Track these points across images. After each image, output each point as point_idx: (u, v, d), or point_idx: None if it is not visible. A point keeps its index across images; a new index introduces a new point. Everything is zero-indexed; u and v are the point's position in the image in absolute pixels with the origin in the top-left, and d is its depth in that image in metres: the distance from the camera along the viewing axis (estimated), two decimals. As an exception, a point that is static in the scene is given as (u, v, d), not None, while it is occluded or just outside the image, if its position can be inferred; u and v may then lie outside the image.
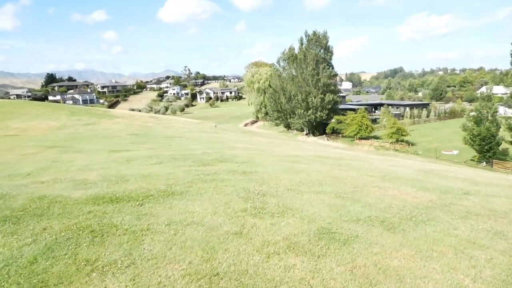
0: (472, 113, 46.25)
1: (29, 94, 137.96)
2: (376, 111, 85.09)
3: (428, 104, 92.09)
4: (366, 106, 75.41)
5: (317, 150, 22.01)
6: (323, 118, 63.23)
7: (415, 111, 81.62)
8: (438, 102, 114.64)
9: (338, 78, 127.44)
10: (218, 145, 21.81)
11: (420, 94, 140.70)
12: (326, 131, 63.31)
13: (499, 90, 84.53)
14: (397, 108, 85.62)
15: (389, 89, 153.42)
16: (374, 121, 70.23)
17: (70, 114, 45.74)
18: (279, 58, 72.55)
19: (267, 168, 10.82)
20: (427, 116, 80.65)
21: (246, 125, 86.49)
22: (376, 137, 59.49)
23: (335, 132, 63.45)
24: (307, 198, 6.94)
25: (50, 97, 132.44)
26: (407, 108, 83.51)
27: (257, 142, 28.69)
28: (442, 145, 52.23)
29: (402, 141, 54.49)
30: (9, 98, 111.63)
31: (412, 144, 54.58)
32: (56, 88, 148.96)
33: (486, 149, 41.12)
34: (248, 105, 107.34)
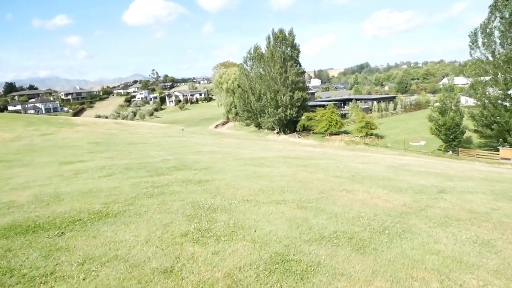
0: (437, 104, 46.74)
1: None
2: (345, 106, 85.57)
3: (394, 97, 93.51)
4: (335, 102, 75.61)
5: (285, 150, 21.14)
6: (293, 115, 62.75)
7: (383, 104, 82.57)
8: (403, 95, 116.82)
9: (307, 75, 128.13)
10: (181, 150, 20.60)
11: (386, 88, 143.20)
12: (297, 128, 62.83)
13: (460, 81, 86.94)
14: (365, 102, 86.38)
15: (357, 84, 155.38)
16: (344, 116, 70.44)
17: (27, 124, 43.18)
18: (245, 58, 71.66)
19: (226, 174, 9.76)
20: (394, 109, 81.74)
21: (216, 126, 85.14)
22: (346, 132, 59.50)
23: (306, 129, 63.06)
24: (265, 212, 5.91)
25: (10, 107, 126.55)
26: (375, 102, 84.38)
27: (225, 144, 27.59)
28: (409, 137, 52.69)
29: (371, 134, 54.60)
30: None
31: (381, 137, 54.81)
32: (16, 98, 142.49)
33: (452, 138, 41.59)
34: (218, 106, 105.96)
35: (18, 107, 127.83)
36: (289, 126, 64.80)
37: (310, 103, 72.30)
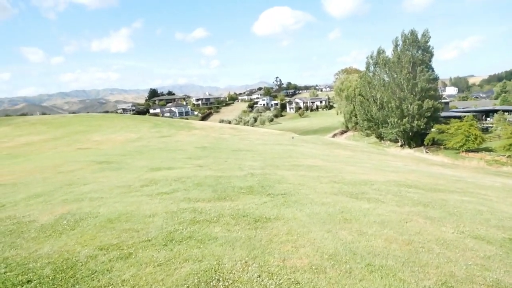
0: None
1: (133, 108, 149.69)
2: (488, 119, 73.26)
3: (556, 109, 76.82)
4: (474, 113, 65.01)
5: (404, 170, 17.01)
6: (421, 127, 55.58)
7: (540, 117, 68.25)
8: None
9: (440, 83, 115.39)
10: (279, 162, 18.17)
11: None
12: (425, 142, 55.38)
13: None
14: (515, 114, 72.67)
15: (505, 93, 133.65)
16: (486, 130, 59.87)
17: (152, 126, 46.10)
18: (368, 63, 66.58)
19: (302, 210, 6.90)
20: (557, 124, 66.84)
21: (334, 135, 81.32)
22: (488, 150, 50.06)
23: (436, 144, 55.12)
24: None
25: (151, 110, 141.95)
26: (529, 115, 70.33)
27: (333, 157, 24.32)
28: None
29: (523, 154, 44.82)
30: (117, 112, 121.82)
31: (538, 158, 44.57)
32: (156, 102, 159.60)
33: None
34: (337, 114, 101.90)
35: (157, 110, 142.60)
36: (415, 139, 57.63)
37: (443, 113, 63.38)
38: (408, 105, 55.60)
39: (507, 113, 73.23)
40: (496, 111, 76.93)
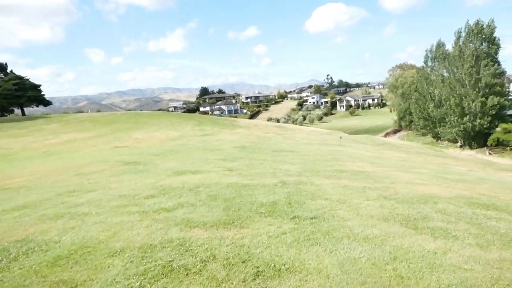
0: None
1: (184, 106, 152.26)
2: None
3: None
4: (547, 111, 57.65)
5: (473, 179, 13.94)
6: (484, 126, 50.05)
7: None
8: None
9: (505, 79, 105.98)
10: (321, 166, 15.77)
11: None
12: (488, 142, 49.80)
13: None
14: None
15: None
16: (561, 130, 52.78)
17: (197, 124, 45.17)
18: (426, 57, 61.46)
19: (332, 255, 4.64)
20: None
21: (386, 135, 76.57)
22: None
23: (501, 144, 49.36)
24: None
25: (201, 108, 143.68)
26: None
27: (385, 161, 21.41)
28: None
29: None
30: (168, 110, 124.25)
31: None
32: (206, 100, 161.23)
33: None
34: (390, 111, 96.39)
35: (207, 108, 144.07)
36: (477, 139, 52.09)
37: (510, 111, 56.98)
38: (470, 102, 50.29)
39: None
40: None
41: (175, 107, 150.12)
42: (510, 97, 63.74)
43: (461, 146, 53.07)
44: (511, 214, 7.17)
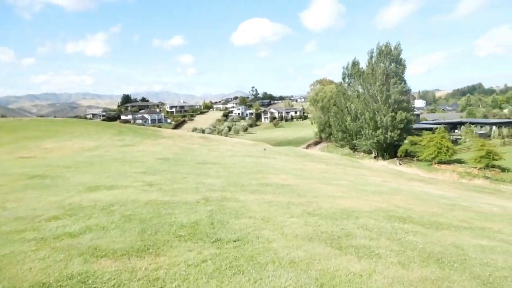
0: None
1: (104, 113, 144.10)
2: (456, 131, 73.30)
3: (520, 122, 77.79)
4: (444, 125, 64.52)
5: (388, 190, 14.66)
6: (394, 139, 54.37)
7: (505, 130, 68.51)
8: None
9: (410, 95, 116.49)
10: (246, 179, 15.49)
11: (505, 111, 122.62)
12: (398, 153, 54.16)
13: None
14: (481, 127, 72.95)
15: (469, 106, 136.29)
16: (455, 142, 59.32)
17: (116, 133, 42.57)
18: (343, 74, 65.42)
19: (255, 285, 4.27)
20: (521, 137, 67.42)
21: (308, 146, 79.56)
22: (459, 161, 49.19)
23: (408, 155, 53.98)
24: None
25: (123, 116, 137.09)
26: (494, 127, 70.59)
27: (307, 172, 21.89)
28: (548, 173, 41.10)
29: (493, 166, 44.02)
30: (86, 117, 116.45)
31: (507, 170, 43.86)
32: (129, 108, 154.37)
33: None
34: (312, 124, 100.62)
35: (129, 116, 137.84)
36: (388, 150, 56.38)
37: (415, 125, 62.71)
38: (382, 117, 54.40)
39: (474, 125, 73.60)
40: (463, 123, 77.29)
41: (94, 115, 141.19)
42: (415, 112, 70.27)
43: (375, 157, 56.93)
44: (425, 227, 7.45)
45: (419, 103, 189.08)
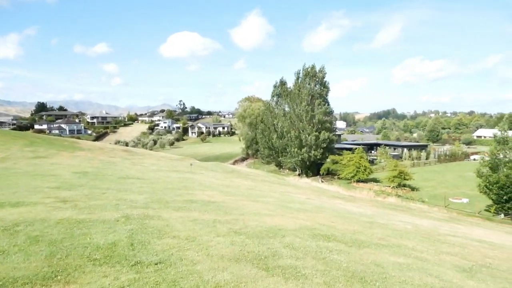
0: (487, 158, 39.86)
1: (15, 122, 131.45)
2: (373, 151, 79.00)
3: (426, 146, 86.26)
4: (363, 146, 69.18)
5: (312, 208, 15.06)
6: (318, 157, 56.81)
7: (414, 152, 75.49)
8: (435, 144, 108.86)
9: (333, 116, 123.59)
10: (170, 196, 14.89)
11: (415, 135, 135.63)
12: (321, 171, 56.61)
13: (491, 134, 79.47)
14: (394, 149, 79.58)
15: (384, 129, 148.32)
16: (372, 162, 63.80)
17: (28, 144, 38.79)
18: (273, 93, 67.25)
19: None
20: (427, 158, 74.59)
21: (235, 162, 79.92)
22: (375, 180, 52.84)
23: (330, 173, 56.70)
24: None
25: (37, 126, 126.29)
26: (405, 149, 77.43)
27: (234, 189, 21.78)
28: (449, 192, 45.69)
29: (404, 185, 47.94)
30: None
31: (416, 189, 48.03)
32: (44, 117, 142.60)
33: (505, 199, 34.67)
34: (239, 140, 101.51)
35: (44, 126, 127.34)
36: (312, 168, 58.69)
37: (336, 145, 66.28)
38: (307, 136, 56.58)
39: (388, 147, 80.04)
40: (379, 144, 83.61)
41: (2, 123, 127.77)
42: (337, 133, 74.35)
43: (299, 174, 58.86)
44: (348, 245, 7.66)
45: (340, 124, 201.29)
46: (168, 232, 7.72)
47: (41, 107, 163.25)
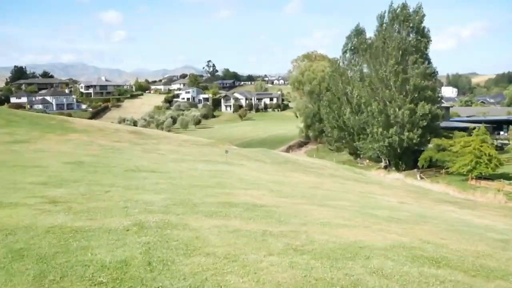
0: None
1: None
2: (502, 133, 75.83)
3: None
4: (486, 125, 66.75)
5: (409, 217, 14.83)
6: (414, 141, 55.71)
7: None
8: None
9: (437, 81, 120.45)
10: (199, 196, 15.30)
11: None
12: (419, 163, 55.50)
13: None
14: (541, 128, 75.81)
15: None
16: (501, 148, 61.54)
17: (2, 124, 41.48)
18: (344, 47, 66.59)
19: None
20: None
21: (290, 148, 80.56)
22: (505, 176, 50.77)
23: (434, 166, 55.39)
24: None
25: (13, 99, 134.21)
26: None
27: (290, 188, 22.06)
28: None
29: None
30: None
31: None
32: (23, 87, 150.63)
33: None
34: (296, 117, 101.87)
35: (23, 99, 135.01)
36: (405, 157, 57.74)
37: (443, 123, 64.43)
38: (396, 109, 55.53)
39: (530, 125, 76.06)
40: (512, 122, 79.94)
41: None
42: (443, 105, 71.99)
43: (385, 167, 58.19)
44: (469, 274, 7.43)
45: (448, 91, 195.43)
46: (199, 248, 7.91)
47: (18, 74, 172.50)
